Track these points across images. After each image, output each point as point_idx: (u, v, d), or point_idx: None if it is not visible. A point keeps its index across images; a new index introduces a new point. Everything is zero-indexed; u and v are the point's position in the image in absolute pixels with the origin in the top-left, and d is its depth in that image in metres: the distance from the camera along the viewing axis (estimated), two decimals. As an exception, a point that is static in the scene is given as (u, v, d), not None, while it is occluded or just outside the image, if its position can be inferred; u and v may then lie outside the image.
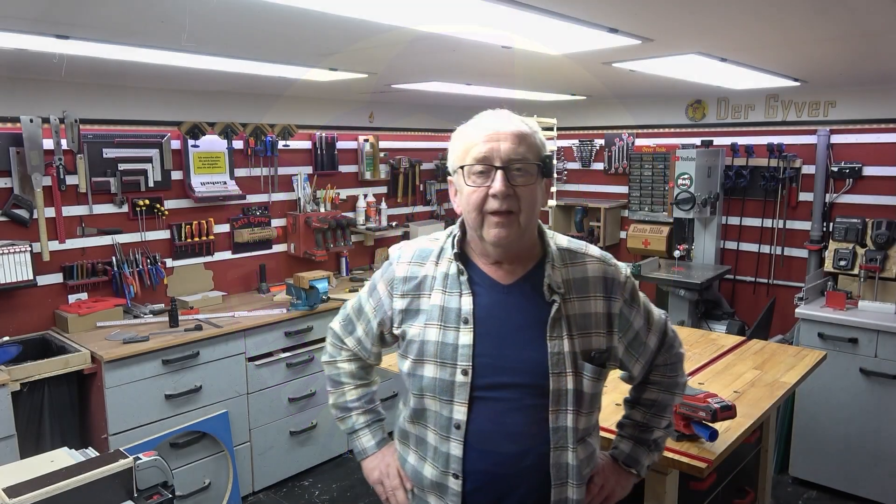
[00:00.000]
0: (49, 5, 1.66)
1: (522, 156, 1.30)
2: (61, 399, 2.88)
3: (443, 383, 1.35)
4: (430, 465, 1.41)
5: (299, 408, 3.63)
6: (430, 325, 1.38)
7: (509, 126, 1.33)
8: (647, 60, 2.59)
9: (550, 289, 1.35)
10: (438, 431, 1.37)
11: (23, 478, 1.59)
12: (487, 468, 1.34)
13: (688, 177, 3.93)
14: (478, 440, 1.34)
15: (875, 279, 3.47)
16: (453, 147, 1.40)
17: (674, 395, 1.57)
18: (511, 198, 1.29)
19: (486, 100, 4.31)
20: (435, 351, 1.36)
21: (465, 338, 1.34)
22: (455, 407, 1.34)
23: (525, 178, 1.31)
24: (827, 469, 3.44)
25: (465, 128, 1.38)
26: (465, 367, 1.33)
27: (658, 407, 1.55)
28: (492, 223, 1.31)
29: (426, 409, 1.39)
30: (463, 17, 1.75)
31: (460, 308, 1.36)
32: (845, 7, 1.75)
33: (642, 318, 1.47)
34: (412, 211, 5.05)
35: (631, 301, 1.44)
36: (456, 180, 1.39)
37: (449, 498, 1.37)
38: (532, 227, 1.37)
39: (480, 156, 1.31)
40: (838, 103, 3.80)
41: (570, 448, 1.34)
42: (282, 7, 1.63)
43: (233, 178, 3.89)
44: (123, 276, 3.38)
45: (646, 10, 1.74)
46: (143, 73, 2.93)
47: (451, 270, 1.39)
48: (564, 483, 1.35)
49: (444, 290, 1.39)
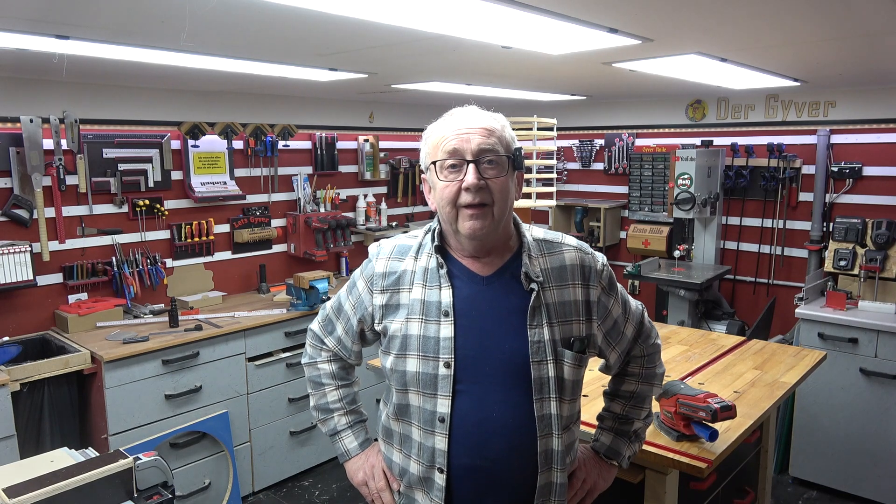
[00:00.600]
0: (49, 5, 1.66)
1: (492, 147, 1.33)
2: (61, 399, 2.88)
3: (426, 377, 1.36)
4: (415, 461, 1.41)
5: (299, 408, 3.63)
6: (412, 320, 1.39)
7: (478, 121, 1.36)
8: (647, 60, 2.59)
9: (528, 277, 1.37)
10: (423, 426, 1.38)
11: (23, 478, 1.59)
12: (472, 461, 1.35)
13: (688, 177, 3.93)
14: (462, 433, 1.34)
15: (875, 279, 3.47)
16: (425, 144, 1.42)
17: (652, 385, 1.59)
18: (483, 190, 1.32)
19: (486, 100, 4.30)
20: (417, 345, 1.37)
21: (446, 330, 1.35)
22: (439, 400, 1.35)
23: (496, 170, 1.33)
24: (827, 469, 3.44)
25: (435, 125, 1.40)
26: (448, 360, 1.34)
27: (637, 398, 1.57)
28: (466, 216, 1.33)
29: (409, 404, 1.39)
30: (463, 17, 1.75)
31: (440, 301, 1.37)
32: (845, 7, 1.75)
33: (620, 306, 1.49)
34: (412, 211, 5.06)
35: (609, 289, 1.46)
36: (429, 177, 1.40)
37: (434, 493, 1.37)
38: (506, 220, 1.39)
39: (451, 150, 1.33)
40: (838, 103, 3.80)
41: (555, 434, 1.36)
42: (282, 7, 1.63)
43: (233, 179, 3.89)
44: (123, 277, 3.38)
45: (646, 10, 1.74)
46: (143, 73, 2.93)
47: (431, 264, 1.41)
48: (550, 468, 1.37)
49: (424, 284, 1.40)
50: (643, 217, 4.59)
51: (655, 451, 1.83)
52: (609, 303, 1.45)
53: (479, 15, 1.72)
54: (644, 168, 4.54)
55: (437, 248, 1.41)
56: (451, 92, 3.79)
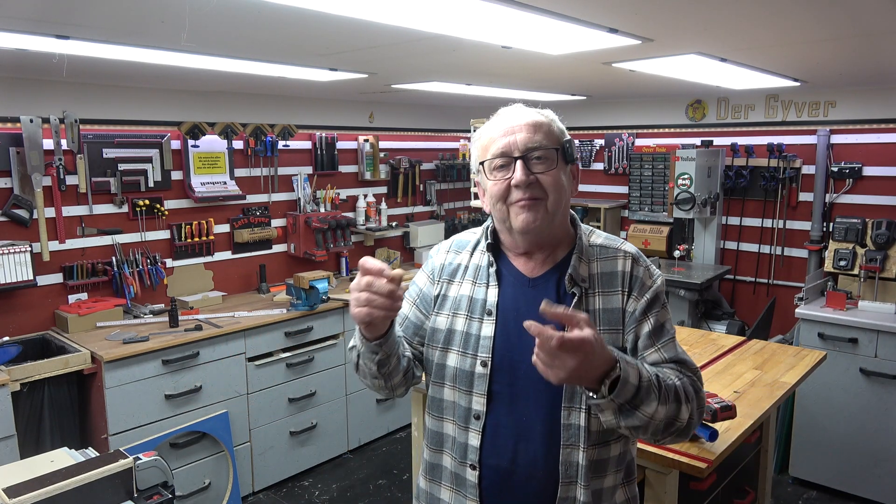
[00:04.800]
0: (49, 5, 1.66)
1: (539, 143, 1.31)
2: (61, 399, 2.88)
3: (462, 373, 1.35)
4: (448, 455, 1.40)
5: (299, 408, 3.63)
6: (458, 315, 1.39)
7: (524, 117, 1.35)
8: (647, 60, 2.59)
9: (572, 280, 1.33)
10: (458, 422, 1.37)
11: (23, 478, 1.59)
12: (500, 462, 1.33)
13: (688, 177, 3.93)
14: (493, 434, 1.33)
15: (875, 279, 3.47)
16: (473, 147, 1.42)
17: (686, 393, 1.28)
18: (534, 185, 1.30)
19: (486, 100, 4.31)
20: (459, 340, 1.37)
21: (487, 329, 1.35)
22: (474, 398, 1.34)
23: (545, 164, 1.32)
24: (827, 469, 3.44)
25: (482, 127, 1.40)
26: (485, 359, 1.33)
27: (663, 375, 1.28)
28: (517, 209, 1.31)
29: (444, 398, 1.39)
30: (463, 17, 1.75)
31: (486, 299, 1.37)
32: (845, 7, 1.75)
33: (649, 329, 1.33)
34: (412, 211, 5.05)
35: (646, 308, 1.33)
36: (480, 178, 1.40)
37: (467, 490, 1.36)
38: (562, 215, 1.36)
39: (498, 150, 1.32)
40: (838, 103, 3.80)
41: (580, 448, 1.30)
42: (282, 7, 1.63)
43: (233, 179, 3.89)
44: (123, 277, 3.38)
45: (646, 10, 1.74)
46: (143, 73, 2.93)
47: (483, 262, 1.41)
48: (573, 483, 1.31)
49: (473, 281, 1.40)
50: (643, 217, 4.59)
51: (655, 451, 1.83)
52: (639, 319, 1.32)
53: (478, 15, 1.72)
54: (644, 168, 4.54)
55: (490, 247, 1.41)
56: (451, 92, 3.79)
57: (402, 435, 4.19)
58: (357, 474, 3.75)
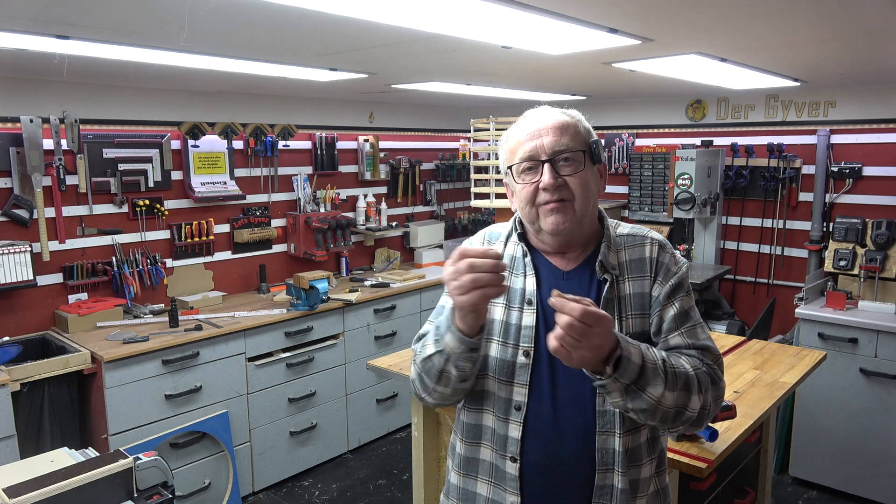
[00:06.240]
0: (49, 5, 1.66)
1: (566, 146, 1.32)
2: (61, 399, 2.88)
3: (503, 363, 1.34)
4: (486, 447, 1.39)
5: (299, 408, 3.63)
6: (496, 304, 1.38)
7: (550, 119, 1.35)
8: (647, 60, 2.59)
9: (602, 267, 1.35)
10: (497, 414, 1.36)
11: (23, 478, 1.59)
12: (540, 454, 1.33)
13: (688, 177, 3.93)
14: (534, 426, 1.32)
15: (875, 279, 3.47)
16: (501, 150, 1.42)
17: (698, 382, 1.27)
18: (562, 188, 1.31)
19: (486, 100, 4.31)
20: (499, 330, 1.36)
21: (528, 318, 1.34)
22: (515, 388, 1.33)
23: (572, 166, 1.32)
24: (827, 469, 3.44)
25: (509, 130, 1.40)
26: (527, 349, 1.33)
27: (673, 358, 1.28)
28: (546, 212, 1.31)
29: (485, 390, 1.38)
30: (463, 17, 1.75)
31: (524, 289, 1.37)
32: (845, 7, 1.75)
33: (674, 312, 1.33)
34: (412, 211, 5.06)
35: (670, 293, 1.34)
36: (508, 181, 1.40)
37: (507, 483, 1.34)
38: (590, 215, 1.37)
39: (526, 154, 1.33)
40: (838, 103, 3.80)
41: (616, 434, 1.30)
42: (282, 7, 1.63)
43: (233, 179, 3.89)
44: (123, 277, 3.38)
45: (646, 10, 1.74)
46: (143, 73, 2.93)
47: (517, 253, 1.41)
48: (610, 469, 1.31)
49: (510, 270, 1.40)
50: (643, 217, 4.59)
51: (655, 451, 1.83)
52: (663, 303, 1.34)
53: (478, 15, 1.72)
54: (644, 168, 4.54)
55: (521, 236, 1.42)
56: (451, 92, 3.79)
57: (402, 435, 4.19)
58: (357, 474, 3.75)
